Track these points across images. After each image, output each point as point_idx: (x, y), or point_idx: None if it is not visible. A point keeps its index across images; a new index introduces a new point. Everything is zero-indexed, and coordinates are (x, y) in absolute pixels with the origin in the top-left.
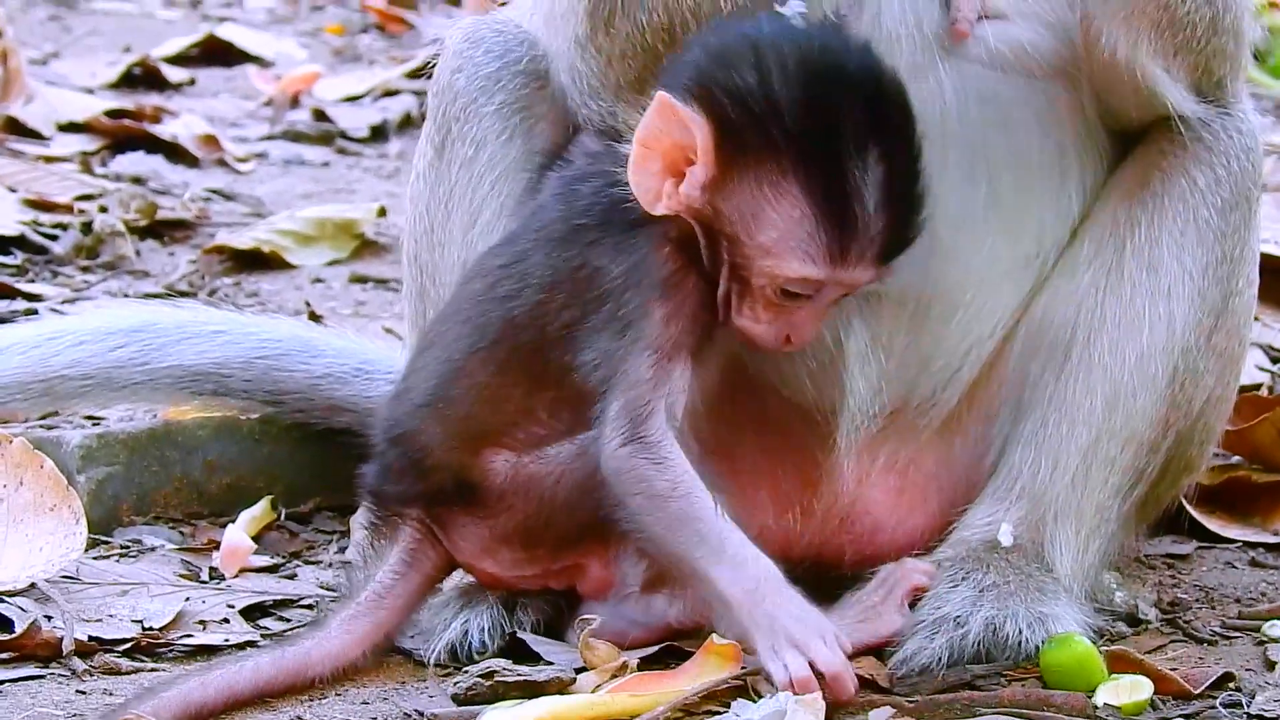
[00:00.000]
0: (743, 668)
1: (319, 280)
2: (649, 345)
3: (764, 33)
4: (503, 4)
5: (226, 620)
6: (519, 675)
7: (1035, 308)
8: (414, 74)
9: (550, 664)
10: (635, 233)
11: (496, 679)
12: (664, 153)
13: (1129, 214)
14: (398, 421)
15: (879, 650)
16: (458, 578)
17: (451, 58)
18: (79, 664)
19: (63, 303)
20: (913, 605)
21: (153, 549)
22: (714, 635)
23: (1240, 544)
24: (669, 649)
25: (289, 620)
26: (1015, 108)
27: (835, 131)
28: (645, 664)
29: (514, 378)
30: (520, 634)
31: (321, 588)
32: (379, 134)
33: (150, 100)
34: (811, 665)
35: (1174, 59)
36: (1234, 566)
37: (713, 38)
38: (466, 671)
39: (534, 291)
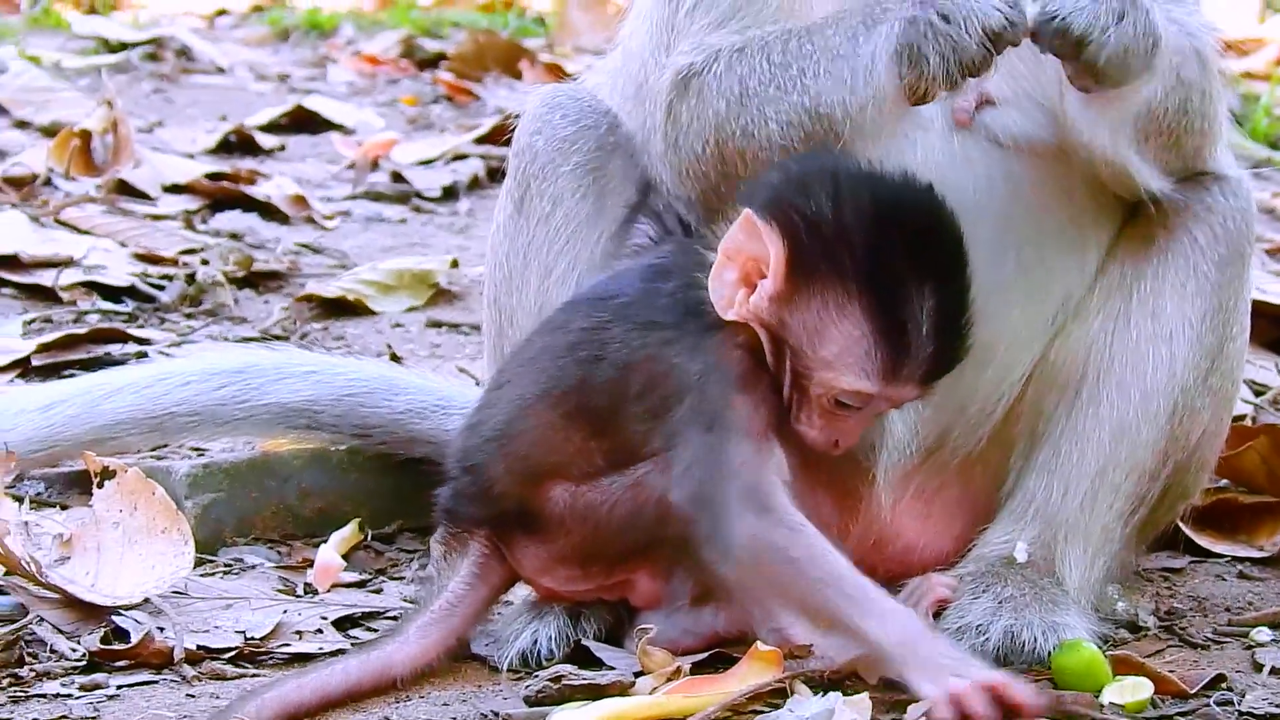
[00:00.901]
0: (785, 671)
1: (398, 325)
2: (742, 431)
3: (842, 167)
4: (577, 79)
5: (320, 631)
6: (584, 679)
7: (1050, 349)
8: (481, 140)
9: (612, 669)
10: (710, 335)
11: (564, 682)
12: (741, 264)
13: (1136, 267)
14: (469, 451)
15: None
16: (527, 590)
17: (531, 121)
18: (188, 670)
19: (169, 346)
20: (937, 615)
21: (253, 567)
22: (758, 642)
23: (1229, 558)
24: (718, 655)
25: (376, 630)
26: (1034, 184)
27: (898, 264)
28: (697, 668)
29: (578, 425)
30: (584, 641)
31: (404, 600)
32: (450, 194)
33: (245, 164)
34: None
35: (1145, 143)
36: (1223, 579)
37: (797, 165)
38: (536, 676)
39: (610, 367)
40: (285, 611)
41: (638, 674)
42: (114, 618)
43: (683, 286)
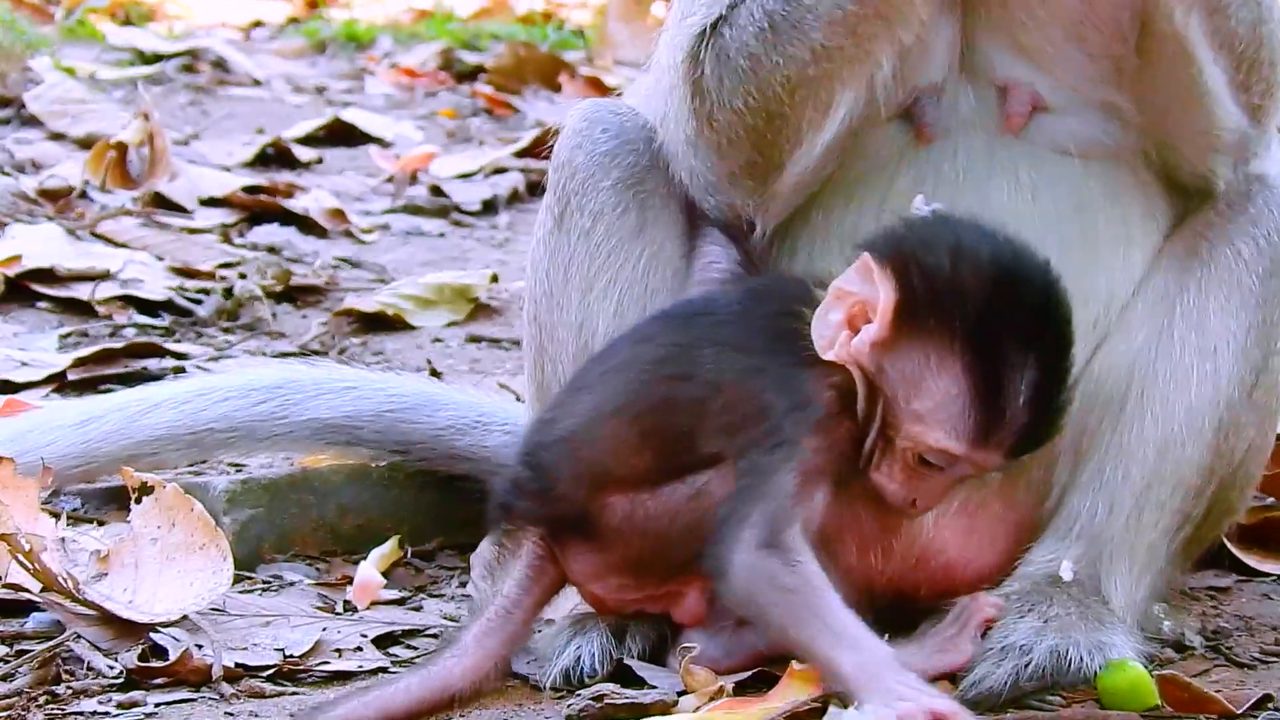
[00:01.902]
0: (823, 689)
1: (438, 340)
2: (797, 467)
3: (967, 227)
4: (619, 94)
5: (360, 648)
6: (626, 698)
7: (1094, 364)
8: (521, 153)
9: (654, 687)
10: (802, 370)
11: (606, 701)
12: (848, 305)
13: (1179, 280)
14: (536, 448)
15: (952, 675)
16: (568, 608)
17: (571, 136)
18: (227, 688)
19: (207, 361)
20: (984, 634)
21: (292, 584)
22: (794, 662)
23: (1276, 577)
24: (761, 674)
25: (416, 648)
26: (1083, 188)
27: (1006, 329)
28: (740, 688)
29: (652, 442)
30: (627, 660)
31: (445, 618)
32: (490, 208)
33: (282, 177)
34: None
35: (1220, 48)
36: (1270, 598)
37: (921, 220)
38: (579, 695)
39: (698, 386)
40: (324, 629)
41: (681, 693)
42: (152, 635)
43: (778, 314)
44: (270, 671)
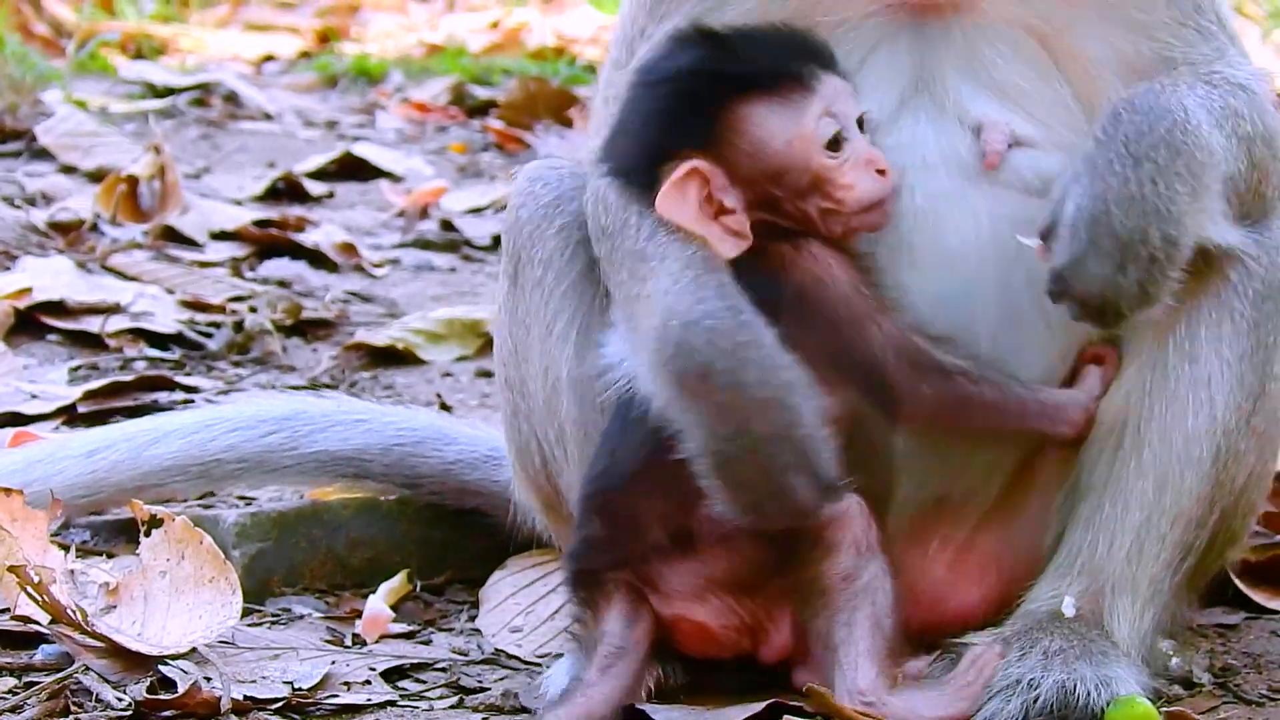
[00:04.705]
0: None
1: (448, 374)
2: None
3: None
4: None
5: (368, 682)
6: None
7: None
8: None
9: None
10: None
11: None
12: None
13: (1168, 310)
14: (604, 491)
15: None
16: None
17: (516, 197)
18: None
19: (217, 395)
20: None
21: (301, 617)
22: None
23: None
24: (776, 704)
25: (425, 682)
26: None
27: None
28: None
29: None
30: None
31: (454, 652)
32: (500, 243)
33: (293, 211)
34: None
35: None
36: (1278, 635)
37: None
38: None
39: None
40: (333, 662)
41: None
42: (160, 667)
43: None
44: (279, 704)
